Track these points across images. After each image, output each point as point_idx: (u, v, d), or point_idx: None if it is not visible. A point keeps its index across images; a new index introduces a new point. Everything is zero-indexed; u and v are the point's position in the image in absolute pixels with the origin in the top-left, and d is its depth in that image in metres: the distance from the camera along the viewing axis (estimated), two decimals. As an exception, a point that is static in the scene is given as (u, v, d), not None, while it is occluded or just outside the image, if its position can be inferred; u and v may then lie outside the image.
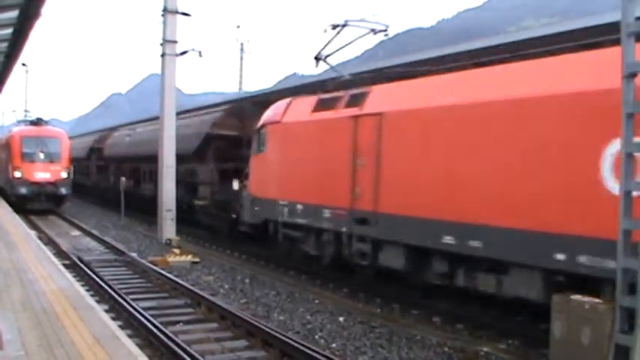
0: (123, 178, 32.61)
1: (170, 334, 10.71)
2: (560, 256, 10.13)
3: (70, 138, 41.28)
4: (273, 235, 18.77)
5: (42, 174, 34.09)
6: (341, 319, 13.19)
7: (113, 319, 10.91)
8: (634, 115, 8.57)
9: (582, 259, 9.82)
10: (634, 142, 8.56)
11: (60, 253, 19.91)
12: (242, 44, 56.56)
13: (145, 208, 32.06)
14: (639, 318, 8.37)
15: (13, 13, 14.68)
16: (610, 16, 11.93)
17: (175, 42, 25.12)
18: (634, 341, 8.42)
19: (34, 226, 27.99)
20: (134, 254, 20.44)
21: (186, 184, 27.89)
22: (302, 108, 17.64)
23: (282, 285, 16.68)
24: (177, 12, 24.93)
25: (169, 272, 17.10)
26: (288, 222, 17.74)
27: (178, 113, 26.74)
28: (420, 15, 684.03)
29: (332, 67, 18.42)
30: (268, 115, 19.36)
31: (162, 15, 24.91)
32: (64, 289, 11.47)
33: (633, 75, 8.61)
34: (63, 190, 34.65)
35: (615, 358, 8.64)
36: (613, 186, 9.26)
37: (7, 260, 14.68)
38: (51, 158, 34.58)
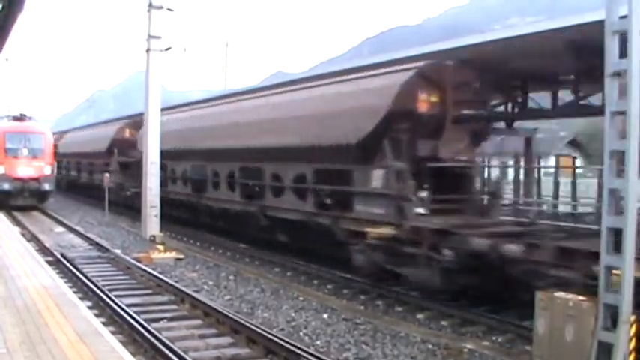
0: (107, 175, 32.50)
1: (154, 331, 10.69)
2: None
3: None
4: None
5: (25, 170, 33.85)
6: (325, 315, 13.19)
7: (96, 315, 10.86)
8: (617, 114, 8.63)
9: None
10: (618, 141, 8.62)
11: (43, 250, 19.79)
12: (227, 42, 56.32)
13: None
14: (621, 315, 8.44)
15: (-4, 7, 14.53)
16: (594, 14, 12.01)
17: (160, 38, 25.03)
18: (616, 338, 8.49)
19: (17, 222, 27.79)
20: (118, 251, 20.36)
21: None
22: None
23: (266, 282, 16.66)
24: (161, 7, 24.83)
25: (153, 269, 17.05)
26: None
27: (163, 109, 26.65)
28: (405, 13, 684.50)
29: None
30: None
31: (147, 11, 24.83)
32: (47, 285, 11.38)
33: (617, 74, 8.65)
34: (46, 186, 34.39)
35: (598, 355, 8.70)
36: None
37: (-10, 257, 14.57)
38: (34, 154, 34.31)
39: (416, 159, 14.53)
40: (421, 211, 14.36)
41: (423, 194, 14.52)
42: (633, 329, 8.61)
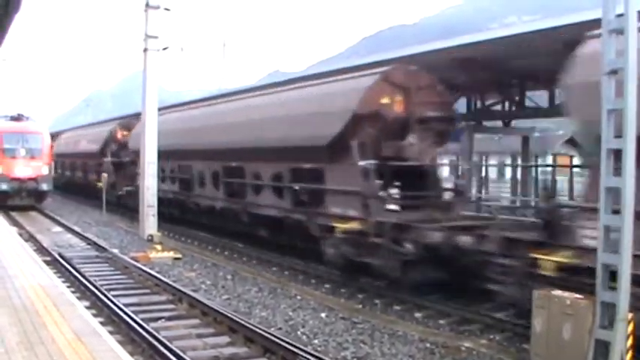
0: (105, 174, 32.50)
1: (152, 331, 10.67)
2: None
3: None
4: None
5: (23, 170, 33.81)
6: (323, 315, 13.20)
7: (94, 315, 10.88)
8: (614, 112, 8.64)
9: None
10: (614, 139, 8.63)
11: (41, 250, 19.78)
12: (224, 41, 56.35)
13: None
14: (619, 314, 8.45)
15: (-7, 7, 14.50)
16: (591, 13, 12.04)
17: (157, 37, 25.03)
18: (614, 336, 8.50)
19: (14, 222, 27.76)
20: (115, 250, 20.33)
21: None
22: None
23: (264, 281, 16.66)
24: (159, 7, 24.82)
25: (151, 268, 17.03)
26: None
27: (160, 109, 26.66)
28: (403, 12, 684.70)
29: None
30: None
31: (145, 10, 24.82)
32: (44, 285, 11.38)
33: (614, 72, 8.66)
34: (44, 186, 34.36)
35: (595, 353, 8.71)
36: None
37: (-13, 257, 14.55)
38: (32, 154, 34.28)
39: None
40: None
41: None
42: (630, 327, 8.62)
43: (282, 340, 10.37)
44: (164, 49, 25.58)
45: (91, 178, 39.92)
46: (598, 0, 9.08)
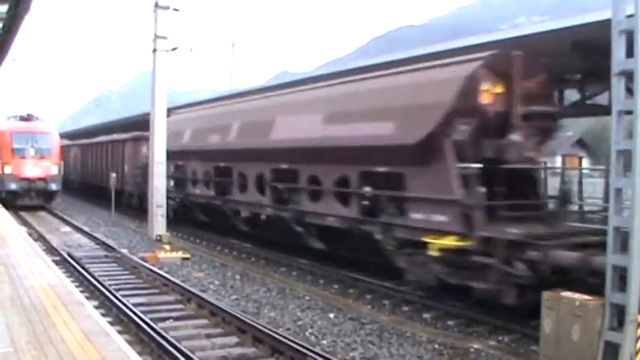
0: (113, 174, 32.57)
1: (160, 331, 10.68)
2: None
3: None
4: None
5: (32, 170, 33.94)
6: (331, 315, 13.19)
7: (103, 315, 10.90)
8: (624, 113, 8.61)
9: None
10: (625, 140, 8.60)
11: (50, 249, 19.84)
12: (233, 42, 56.46)
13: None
14: (628, 315, 8.41)
15: (3, 8, 14.58)
16: (601, 13, 11.95)
17: (166, 38, 25.09)
18: (623, 338, 8.47)
19: (24, 222, 27.87)
20: (124, 250, 20.38)
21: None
22: None
23: (272, 281, 16.66)
24: (168, 8, 24.89)
25: (160, 268, 17.06)
26: None
27: (169, 109, 26.72)
28: (412, 12, 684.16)
29: None
30: None
31: (154, 11, 24.89)
32: (53, 285, 11.41)
33: (623, 73, 8.62)
34: (53, 186, 34.48)
35: (605, 355, 8.68)
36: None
37: (-3, 256, 14.61)
38: (41, 154, 34.40)
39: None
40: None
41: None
42: (640, 329, 8.57)
43: (291, 340, 10.36)
44: (173, 49, 25.66)
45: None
46: (607, 0, 9.04)
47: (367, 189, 15.61)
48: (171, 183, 27.60)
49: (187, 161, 26.27)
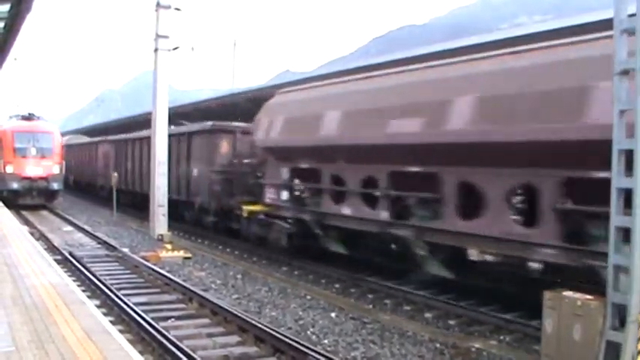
0: (115, 174, 32.57)
1: (162, 330, 10.70)
2: None
3: None
4: None
5: (34, 169, 33.97)
6: (333, 314, 13.19)
7: (105, 314, 10.87)
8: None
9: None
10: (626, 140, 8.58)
11: (51, 249, 19.86)
12: (235, 41, 56.47)
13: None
14: (630, 315, 8.40)
15: (4, 7, 14.59)
16: (603, 13, 11.94)
17: (168, 37, 25.13)
18: (624, 338, 8.45)
19: (25, 221, 27.89)
20: (126, 250, 20.40)
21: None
22: None
23: (274, 281, 16.67)
24: (169, 7, 24.92)
25: (161, 268, 17.08)
26: None
27: (171, 109, 26.74)
28: (412, 12, 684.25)
29: None
30: None
31: (155, 10, 24.92)
32: (55, 284, 11.41)
33: (625, 72, 8.61)
34: (55, 186, 34.53)
35: (606, 355, 8.66)
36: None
37: (-2, 255, 14.62)
38: (43, 153, 34.43)
39: None
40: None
41: None
42: (642, 329, 8.55)
43: (292, 339, 10.36)
44: (174, 48, 25.70)
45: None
46: (608, 0, 9.03)
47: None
48: (284, 195, 19.35)
49: (326, 164, 17.25)
